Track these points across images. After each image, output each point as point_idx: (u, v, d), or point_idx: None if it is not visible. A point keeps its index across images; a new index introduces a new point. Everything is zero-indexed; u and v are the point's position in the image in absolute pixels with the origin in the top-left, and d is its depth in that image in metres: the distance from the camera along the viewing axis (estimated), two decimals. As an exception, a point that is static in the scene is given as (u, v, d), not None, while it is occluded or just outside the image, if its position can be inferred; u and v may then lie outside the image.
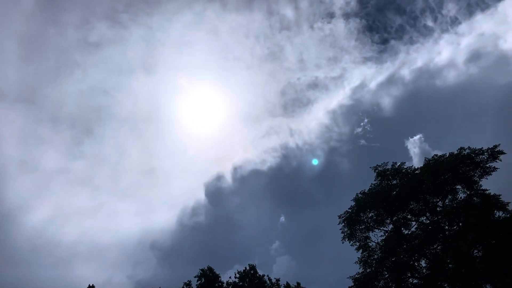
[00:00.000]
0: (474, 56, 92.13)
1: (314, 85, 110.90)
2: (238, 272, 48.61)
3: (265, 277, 48.77)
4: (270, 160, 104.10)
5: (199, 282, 47.90)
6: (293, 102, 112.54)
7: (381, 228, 40.52)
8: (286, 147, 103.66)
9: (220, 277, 48.62)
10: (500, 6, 79.74)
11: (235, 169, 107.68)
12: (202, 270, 48.55)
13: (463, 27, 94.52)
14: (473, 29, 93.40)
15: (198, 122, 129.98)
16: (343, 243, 41.62)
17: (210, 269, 48.40)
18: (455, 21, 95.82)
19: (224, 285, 47.89)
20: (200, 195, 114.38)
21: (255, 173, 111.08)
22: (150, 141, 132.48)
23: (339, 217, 42.16)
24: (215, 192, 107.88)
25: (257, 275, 48.73)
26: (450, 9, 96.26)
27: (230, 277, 48.68)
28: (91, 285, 47.01)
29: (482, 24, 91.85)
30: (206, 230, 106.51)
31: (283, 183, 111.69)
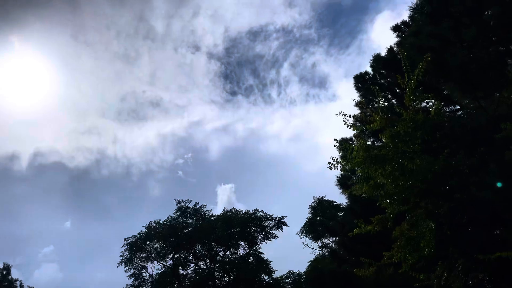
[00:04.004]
0: (296, 138, 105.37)
1: (157, 104, 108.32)
2: (-14, 269, 41.42)
3: (17, 282, 42.71)
4: (80, 160, 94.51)
5: None
6: (130, 111, 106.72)
7: (160, 262, 40.13)
8: (103, 153, 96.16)
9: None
10: (330, 106, 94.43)
11: (36, 155, 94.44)
12: None
13: (297, 109, 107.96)
14: (303, 115, 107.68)
15: (15, 89, 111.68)
16: (118, 266, 39.73)
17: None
18: (293, 102, 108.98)
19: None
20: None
21: (58, 167, 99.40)
22: None
23: (125, 239, 40.56)
24: (1, 172, 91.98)
25: (10, 277, 42.37)
26: (293, 91, 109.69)
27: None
28: None
29: (312, 114, 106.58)
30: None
31: (84, 187, 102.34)
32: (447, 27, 13.09)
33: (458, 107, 16.65)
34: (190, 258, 40.20)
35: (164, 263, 40.09)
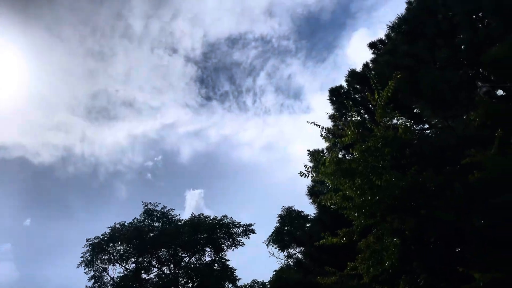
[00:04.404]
0: (268, 147, 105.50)
1: (130, 104, 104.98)
2: None
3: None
4: (46, 156, 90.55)
5: None
6: (101, 110, 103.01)
7: (123, 265, 39.17)
8: (70, 150, 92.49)
9: None
10: (304, 117, 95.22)
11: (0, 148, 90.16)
12: None
13: (271, 119, 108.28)
14: (277, 125, 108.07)
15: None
16: (77, 268, 38.55)
17: None
18: (268, 112, 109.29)
19: None
20: None
21: (21, 162, 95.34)
22: None
23: (88, 240, 39.45)
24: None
25: (-40, 274, 40.23)
26: (268, 100, 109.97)
27: None
28: None
29: (285, 125, 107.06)
30: None
31: (47, 185, 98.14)
32: (422, 47, 13.47)
33: (427, 126, 17.12)
34: (154, 262, 39.42)
35: (126, 266, 39.20)
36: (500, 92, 14.24)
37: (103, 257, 38.82)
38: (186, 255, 39.96)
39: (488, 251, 9.60)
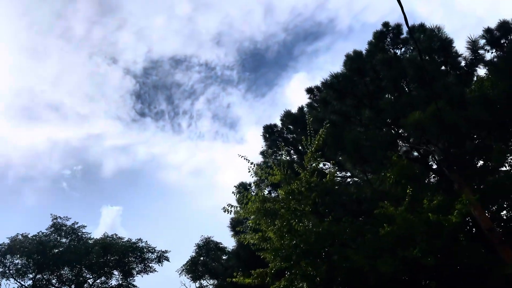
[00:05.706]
0: (197, 172, 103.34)
1: (56, 108, 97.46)
2: None
3: None
4: None
5: None
6: (22, 109, 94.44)
7: (18, 280, 35.64)
8: None
9: None
10: (236, 148, 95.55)
11: None
12: None
13: (204, 144, 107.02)
14: (209, 151, 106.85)
15: None
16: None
17: None
18: (201, 137, 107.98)
19: None
20: None
21: None
22: None
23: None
24: None
25: None
26: (204, 126, 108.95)
27: None
28: None
29: (217, 152, 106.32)
30: None
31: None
32: (350, 105, 14.49)
33: (349, 174, 18.12)
34: (53, 281, 36.35)
35: (22, 282, 35.65)
36: (416, 154, 15.55)
37: (-3, 270, 35.15)
38: (91, 277, 37.41)
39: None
